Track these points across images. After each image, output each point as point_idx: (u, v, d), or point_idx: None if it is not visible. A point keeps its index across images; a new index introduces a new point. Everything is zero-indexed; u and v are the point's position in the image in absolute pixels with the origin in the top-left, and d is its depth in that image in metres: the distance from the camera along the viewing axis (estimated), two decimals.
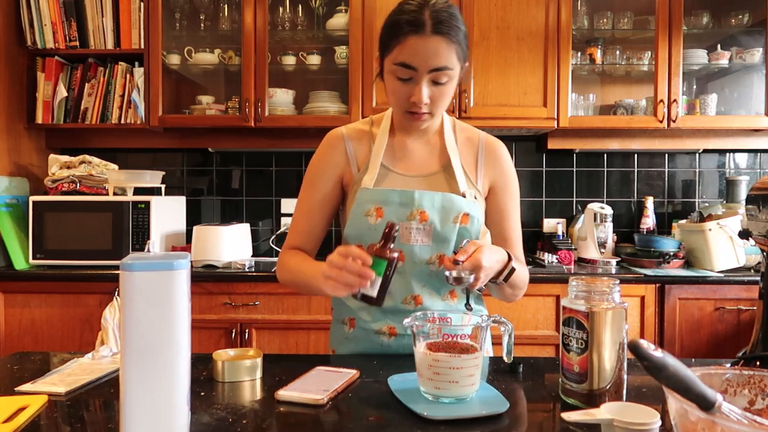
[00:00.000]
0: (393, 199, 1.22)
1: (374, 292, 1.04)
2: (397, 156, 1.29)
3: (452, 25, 1.12)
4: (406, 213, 1.22)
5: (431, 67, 1.13)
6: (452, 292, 1.28)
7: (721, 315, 2.44)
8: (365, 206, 1.23)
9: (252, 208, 3.11)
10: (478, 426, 0.87)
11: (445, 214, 1.22)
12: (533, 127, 2.73)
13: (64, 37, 2.78)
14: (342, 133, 1.31)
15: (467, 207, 1.23)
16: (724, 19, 2.82)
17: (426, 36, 1.11)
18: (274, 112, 2.77)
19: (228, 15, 2.85)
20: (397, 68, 1.15)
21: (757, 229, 1.05)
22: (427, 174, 1.28)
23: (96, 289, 2.46)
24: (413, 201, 1.22)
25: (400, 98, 1.19)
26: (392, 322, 1.25)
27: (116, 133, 3.01)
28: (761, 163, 3.08)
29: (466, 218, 1.23)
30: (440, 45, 1.11)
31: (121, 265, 0.76)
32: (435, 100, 1.17)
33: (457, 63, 1.16)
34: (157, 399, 0.76)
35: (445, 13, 1.12)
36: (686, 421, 0.64)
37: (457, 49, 1.14)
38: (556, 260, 2.71)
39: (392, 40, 1.15)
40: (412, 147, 1.30)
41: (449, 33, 1.11)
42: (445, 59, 1.13)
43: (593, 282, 0.94)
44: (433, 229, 1.21)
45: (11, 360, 1.21)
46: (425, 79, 1.14)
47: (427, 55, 1.11)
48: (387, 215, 1.21)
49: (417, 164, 1.29)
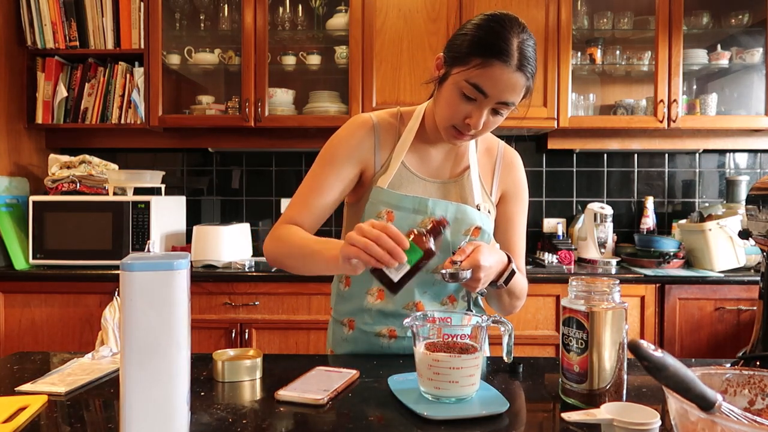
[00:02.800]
0: (406, 205, 1.21)
1: (396, 277, 0.96)
2: (417, 158, 1.26)
3: (534, 65, 1.11)
4: (418, 220, 1.20)
5: (502, 99, 1.10)
6: (451, 297, 1.27)
7: (721, 315, 2.44)
8: (378, 207, 1.21)
9: (252, 208, 3.11)
10: (478, 426, 0.87)
11: (457, 225, 1.21)
12: (533, 127, 2.73)
13: (64, 37, 2.78)
14: (372, 120, 1.26)
15: (480, 220, 1.23)
16: (724, 19, 2.82)
17: (511, 69, 1.07)
18: (274, 112, 2.77)
19: (228, 15, 2.85)
20: (468, 86, 1.10)
21: (757, 229, 1.05)
22: (445, 180, 1.27)
23: (96, 289, 2.46)
24: (426, 209, 1.20)
25: (455, 114, 1.14)
26: (392, 325, 1.25)
27: (116, 133, 3.01)
28: (761, 163, 3.08)
29: (477, 231, 1.23)
30: (519, 81, 1.09)
31: (121, 265, 0.76)
32: (486, 127, 1.15)
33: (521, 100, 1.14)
34: (157, 399, 0.76)
35: (531, 50, 1.09)
36: (686, 421, 0.64)
37: (528, 87, 1.12)
38: (556, 260, 2.71)
39: (473, 58, 1.08)
40: (433, 151, 1.28)
41: (530, 71, 1.10)
42: (517, 96, 1.11)
43: (593, 282, 0.94)
44: (443, 238, 1.19)
45: (11, 360, 1.21)
46: (489, 107, 1.12)
47: (504, 87, 1.09)
48: (398, 220, 1.19)
49: (435, 169, 1.27)
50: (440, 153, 1.28)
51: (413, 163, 1.25)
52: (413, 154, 1.26)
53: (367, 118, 1.26)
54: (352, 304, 1.28)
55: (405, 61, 2.67)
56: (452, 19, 2.65)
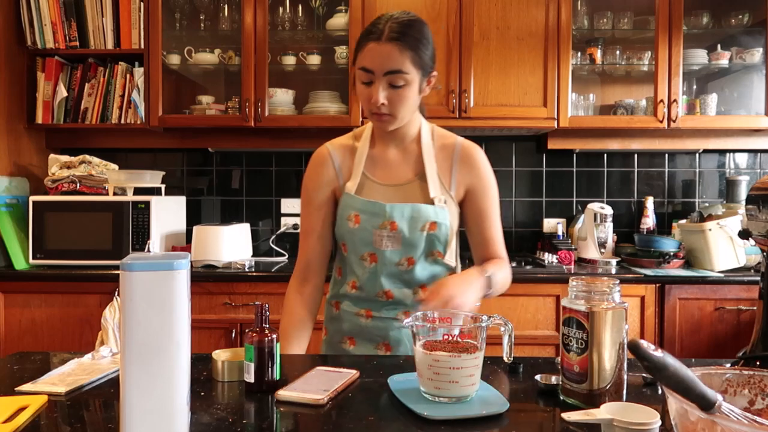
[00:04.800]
0: (368, 208, 1.35)
1: (251, 378, 1.01)
2: (376, 165, 1.40)
3: (407, 34, 1.24)
4: (378, 222, 1.34)
5: (385, 69, 1.24)
6: (423, 287, 1.37)
7: (721, 315, 2.44)
8: (348, 211, 1.36)
9: (252, 208, 3.10)
10: (478, 426, 0.87)
11: (413, 224, 1.33)
12: (533, 127, 2.73)
13: (64, 37, 2.78)
14: (328, 150, 1.43)
15: (434, 215, 1.34)
16: (724, 19, 2.82)
17: (381, 42, 1.24)
18: (274, 112, 2.77)
19: (228, 15, 2.85)
20: (360, 73, 1.28)
21: (757, 229, 1.05)
22: (403, 183, 1.38)
23: (96, 289, 2.46)
24: (384, 212, 1.33)
25: (365, 101, 1.30)
26: (368, 308, 1.39)
27: (116, 133, 3.01)
28: (761, 163, 3.08)
29: (433, 226, 1.33)
30: (393, 50, 1.23)
31: (121, 265, 0.76)
32: (393, 102, 1.27)
33: (414, 69, 1.26)
34: (157, 399, 0.76)
35: (402, 25, 1.25)
36: (686, 421, 0.64)
37: (413, 56, 1.25)
38: (556, 260, 2.71)
39: (357, 51, 1.28)
40: (390, 156, 1.40)
41: (402, 40, 1.24)
42: (398, 63, 1.24)
43: (593, 282, 0.94)
44: (402, 236, 1.33)
45: (11, 360, 1.21)
46: (382, 82, 1.26)
47: (382, 59, 1.24)
48: (363, 222, 1.34)
49: (394, 173, 1.39)
50: (397, 157, 1.40)
51: (372, 171, 1.39)
52: (372, 163, 1.40)
53: (322, 151, 1.43)
54: (338, 290, 1.44)
55: None
56: (452, 19, 2.65)
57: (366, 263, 1.36)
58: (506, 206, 3.05)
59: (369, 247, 1.35)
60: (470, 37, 2.66)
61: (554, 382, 1.01)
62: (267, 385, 1.01)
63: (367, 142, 1.40)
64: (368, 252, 1.35)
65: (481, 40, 2.67)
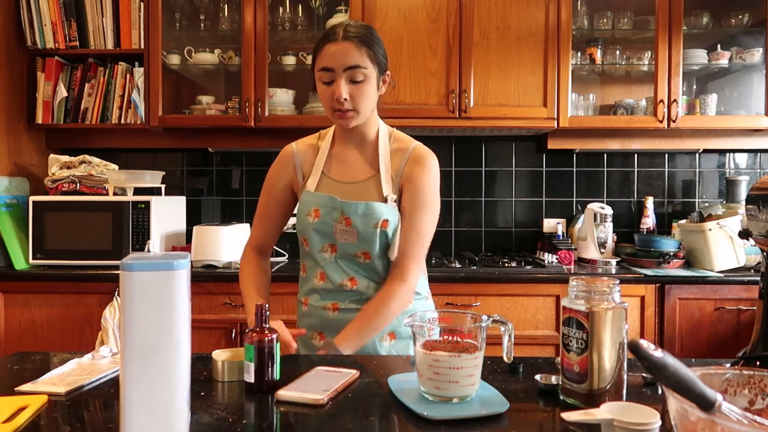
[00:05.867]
0: (326, 203, 1.41)
1: (251, 378, 1.02)
2: (335, 164, 1.47)
3: (362, 34, 1.35)
4: (335, 216, 1.41)
5: (345, 65, 1.33)
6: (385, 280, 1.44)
7: (721, 315, 2.44)
8: (307, 207, 1.44)
9: (252, 208, 3.08)
10: (478, 426, 0.87)
11: (366, 221, 1.39)
12: (533, 127, 2.73)
13: (64, 37, 2.78)
14: (292, 148, 1.53)
15: (386, 213, 1.39)
16: (724, 19, 2.82)
17: (338, 42, 1.34)
18: (274, 112, 2.77)
19: (228, 15, 2.85)
20: (320, 73, 1.36)
21: (757, 229, 1.05)
22: (359, 180, 1.44)
23: (96, 289, 2.46)
24: (339, 209, 1.40)
25: (327, 100, 1.37)
26: (335, 300, 1.44)
27: (116, 133, 3.00)
28: (761, 163, 3.08)
29: (385, 223, 1.39)
30: (350, 47, 1.33)
31: (121, 265, 0.76)
32: (355, 97, 1.35)
33: (371, 65, 1.36)
34: (157, 399, 0.76)
35: (356, 27, 1.36)
36: (686, 421, 0.64)
37: (369, 52, 1.35)
38: (556, 260, 2.71)
39: (315, 55, 1.37)
40: (349, 155, 1.47)
41: (357, 38, 1.34)
42: (356, 59, 1.33)
43: (593, 282, 0.94)
44: (357, 231, 1.39)
45: (11, 360, 1.21)
46: (343, 78, 1.34)
47: (340, 56, 1.33)
48: (322, 216, 1.41)
49: (351, 171, 1.46)
50: (355, 156, 1.47)
51: (332, 169, 1.47)
52: (333, 162, 1.48)
53: (287, 149, 1.54)
54: (306, 286, 1.49)
55: (405, 62, 2.67)
56: (452, 19, 2.65)
57: (327, 254, 1.43)
58: (506, 206, 3.05)
59: (329, 239, 1.42)
60: (470, 37, 2.66)
61: (554, 382, 1.01)
62: (267, 385, 1.02)
63: (329, 142, 1.49)
64: (329, 243, 1.43)
65: (481, 40, 2.67)
